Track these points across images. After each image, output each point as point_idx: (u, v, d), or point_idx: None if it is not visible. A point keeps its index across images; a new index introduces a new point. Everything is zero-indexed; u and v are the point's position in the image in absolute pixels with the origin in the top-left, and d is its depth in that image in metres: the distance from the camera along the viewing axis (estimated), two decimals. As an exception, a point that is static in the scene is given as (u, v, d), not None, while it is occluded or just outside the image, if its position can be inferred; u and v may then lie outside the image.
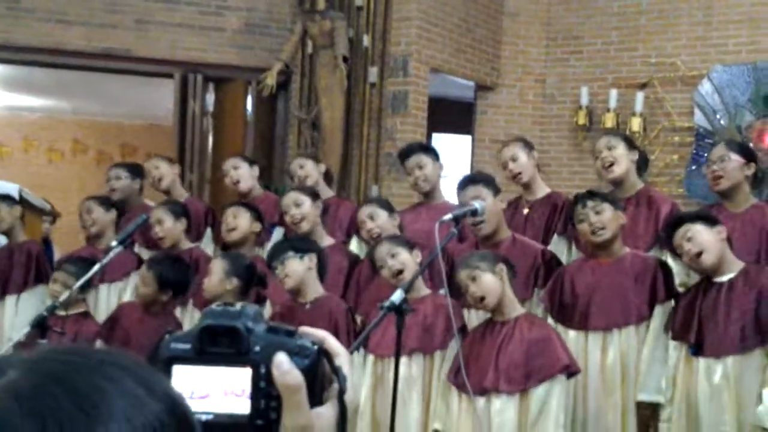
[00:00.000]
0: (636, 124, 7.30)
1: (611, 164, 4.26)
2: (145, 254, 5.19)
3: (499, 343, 3.54)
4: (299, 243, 4.15)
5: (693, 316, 3.62)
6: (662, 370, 3.67)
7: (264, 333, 0.86)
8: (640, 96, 7.34)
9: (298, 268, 3.97)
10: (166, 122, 11.74)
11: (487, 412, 3.51)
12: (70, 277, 4.34)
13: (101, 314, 4.82)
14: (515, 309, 3.62)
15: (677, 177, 7.31)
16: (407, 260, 3.87)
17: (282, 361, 0.83)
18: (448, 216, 3.34)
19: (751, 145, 6.21)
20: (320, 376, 0.87)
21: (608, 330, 3.73)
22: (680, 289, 3.84)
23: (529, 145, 4.58)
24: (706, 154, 7.11)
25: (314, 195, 4.69)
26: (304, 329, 0.89)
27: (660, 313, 3.74)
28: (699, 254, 3.57)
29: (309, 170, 5.18)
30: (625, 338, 3.72)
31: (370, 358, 3.91)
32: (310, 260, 4.00)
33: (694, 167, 7.16)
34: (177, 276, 4.27)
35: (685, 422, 3.60)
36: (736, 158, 4.05)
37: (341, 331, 3.87)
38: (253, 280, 4.26)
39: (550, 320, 3.83)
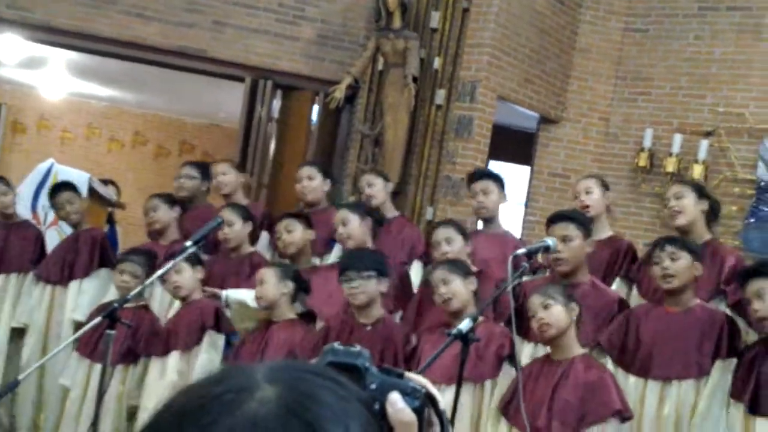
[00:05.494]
0: (698, 171, 7.24)
1: (678, 213, 4.26)
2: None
3: (554, 382, 3.52)
4: (383, 264, 4.04)
5: (751, 374, 3.59)
6: (715, 428, 3.62)
7: (378, 373, 0.94)
8: (704, 144, 7.29)
9: (375, 289, 3.93)
10: (227, 123, 11.91)
11: None
12: (136, 269, 4.47)
13: (154, 307, 4.92)
14: (574, 349, 3.60)
15: (734, 228, 7.24)
16: (458, 289, 3.83)
17: (396, 399, 0.91)
18: (522, 250, 3.35)
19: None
20: (425, 418, 0.94)
21: (667, 380, 3.71)
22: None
23: (605, 185, 4.62)
24: (766, 209, 7.15)
25: (364, 213, 4.62)
26: (409, 374, 0.96)
27: (719, 368, 3.70)
28: None
29: (377, 191, 5.10)
30: (684, 391, 3.69)
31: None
32: (384, 284, 3.97)
33: (752, 220, 7.10)
34: None
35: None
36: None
37: (399, 357, 3.86)
38: (300, 285, 4.27)
39: (610, 364, 3.81)
